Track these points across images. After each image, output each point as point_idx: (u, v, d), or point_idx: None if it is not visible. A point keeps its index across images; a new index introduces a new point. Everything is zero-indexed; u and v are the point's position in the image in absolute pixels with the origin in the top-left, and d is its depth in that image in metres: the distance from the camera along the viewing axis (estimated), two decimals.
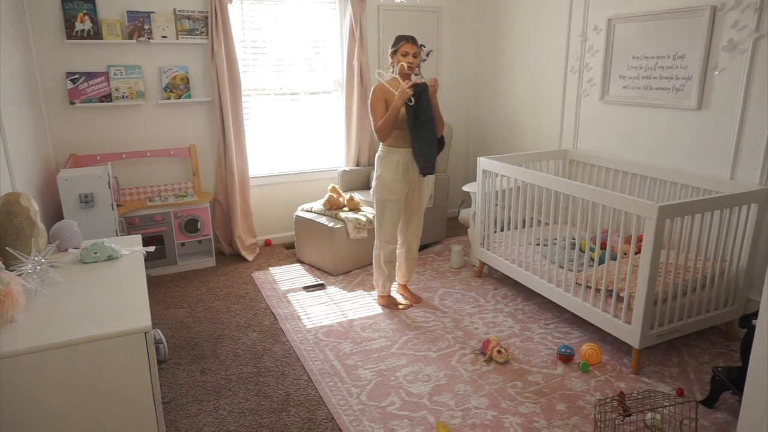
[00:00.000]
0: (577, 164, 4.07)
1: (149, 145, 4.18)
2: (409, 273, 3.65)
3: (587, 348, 2.88)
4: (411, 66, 3.14)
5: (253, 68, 4.45)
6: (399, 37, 3.19)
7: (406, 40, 3.15)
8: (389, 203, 3.30)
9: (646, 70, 3.51)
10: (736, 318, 3.01)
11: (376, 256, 3.48)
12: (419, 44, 3.17)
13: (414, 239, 3.53)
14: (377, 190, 3.31)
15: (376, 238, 3.46)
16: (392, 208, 3.31)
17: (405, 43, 3.13)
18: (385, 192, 3.28)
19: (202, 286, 3.94)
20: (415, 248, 3.57)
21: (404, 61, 3.13)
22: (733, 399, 2.53)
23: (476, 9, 5.10)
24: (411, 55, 3.13)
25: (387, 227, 3.36)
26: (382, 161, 3.28)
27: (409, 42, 3.14)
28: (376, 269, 3.53)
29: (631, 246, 2.75)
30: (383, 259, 3.44)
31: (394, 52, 3.18)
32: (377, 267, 3.51)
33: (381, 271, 3.50)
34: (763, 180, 2.94)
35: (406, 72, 3.14)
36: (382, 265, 3.46)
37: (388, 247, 3.41)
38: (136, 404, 1.68)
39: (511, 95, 4.78)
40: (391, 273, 3.51)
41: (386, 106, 3.15)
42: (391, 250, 3.43)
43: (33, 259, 1.87)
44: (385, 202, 3.31)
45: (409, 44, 3.13)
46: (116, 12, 3.87)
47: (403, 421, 2.45)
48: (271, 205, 4.73)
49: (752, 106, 2.96)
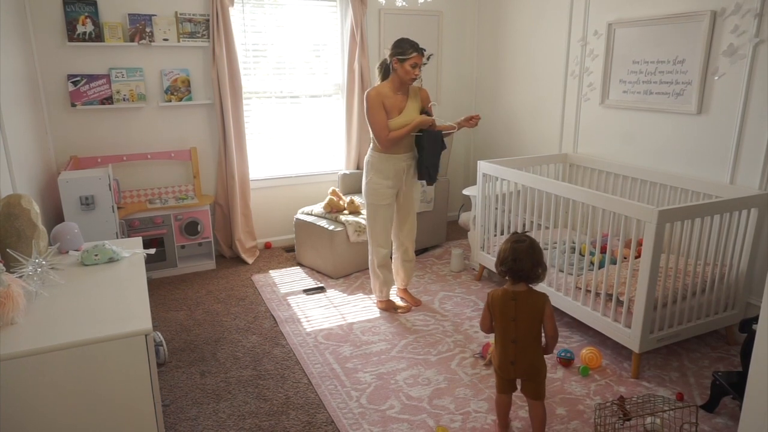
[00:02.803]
0: (578, 168, 4.08)
1: (150, 147, 4.18)
2: (408, 277, 3.63)
3: (587, 352, 2.88)
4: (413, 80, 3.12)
5: (254, 71, 4.46)
6: (409, 44, 3.06)
7: (417, 52, 3.05)
8: (381, 207, 3.30)
9: (646, 75, 3.52)
10: (736, 322, 3.01)
11: (371, 261, 3.47)
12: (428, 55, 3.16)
13: (409, 242, 3.51)
14: (368, 194, 3.30)
15: (369, 243, 3.45)
16: (384, 212, 3.31)
17: (417, 54, 3.04)
18: (376, 197, 3.28)
19: (202, 289, 3.94)
20: (411, 251, 3.55)
21: (414, 74, 3.08)
22: (733, 404, 2.52)
23: (477, 13, 5.12)
24: (419, 67, 3.08)
25: (379, 231, 3.36)
26: (372, 167, 3.26)
27: (420, 54, 3.06)
28: (372, 275, 3.52)
29: (631, 250, 2.75)
30: (377, 263, 3.43)
31: (401, 60, 3.06)
32: (372, 272, 3.50)
33: (376, 276, 3.48)
34: (762, 184, 2.95)
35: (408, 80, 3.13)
36: (377, 270, 3.45)
37: (381, 251, 3.40)
38: (136, 407, 1.68)
39: (512, 99, 4.79)
40: (387, 277, 3.50)
41: (385, 111, 3.13)
42: (384, 255, 3.42)
43: (34, 261, 1.87)
44: (376, 206, 3.30)
45: (419, 56, 3.06)
46: (118, 15, 3.88)
47: (403, 424, 2.45)
48: (271, 207, 4.73)
49: (752, 111, 2.96)
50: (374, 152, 3.26)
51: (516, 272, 2.18)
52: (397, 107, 3.17)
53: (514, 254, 2.17)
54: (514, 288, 2.22)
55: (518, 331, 2.19)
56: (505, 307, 2.20)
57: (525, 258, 2.16)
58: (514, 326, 2.19)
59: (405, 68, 3.07)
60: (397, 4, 3.81)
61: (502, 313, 2.21)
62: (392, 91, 3.16)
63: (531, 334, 2.20)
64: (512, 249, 2.18)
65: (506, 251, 2.20)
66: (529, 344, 2.19)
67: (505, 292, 2.23)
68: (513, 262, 2.17)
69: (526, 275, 2.19)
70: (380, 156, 3.23)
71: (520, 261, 2.16)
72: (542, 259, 2.22)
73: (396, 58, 3.08)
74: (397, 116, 3.16)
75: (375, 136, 3.17)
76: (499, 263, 2.24)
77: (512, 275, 2.20)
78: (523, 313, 2.18)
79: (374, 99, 3.12)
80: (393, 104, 3.15)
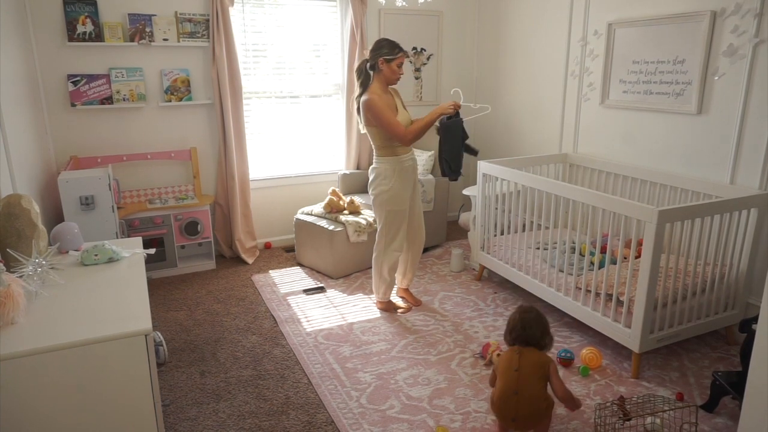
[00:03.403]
0: (578, 168, 4.08)
1: (150, 147, 4.18)
2: (412, 276, 3.67)
3: (587, 352, 2.88)
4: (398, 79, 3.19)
5: (254, 71, 4.46)
6: (394, 44, 3.11)
7: (402, 51, 3.11)
8: (401, 213, 3.29)
9: (646, 75, 3.52)
10: (736, 322, 3.01)
11: (379, 263, 3.41)
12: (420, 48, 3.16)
13: (421, 240, 3.54)
14: (388, 202, 3.24)
15: (382, 246, 3.37)
16: (403, 217, 3.32)
17: (402, 54, 3.11)
18: (395, 203, 3.25)
19: (202, 289, 3.94)
20: (420, 252, 3.59)
21: (400, 73, 3.15)
22: (733, 404, 2.53)
23: (477, 13, 5.12)
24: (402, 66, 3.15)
25: (399, 236, 3.34)
26: (386, 174, 3.20)
27: (404, 53, 3.13)
28: (377, 277, 3.47)
29: (631, 250, 2.75)
30: (388, 267, 3.40)
31: (388, 60, 3.09)
32: (378, 275, 3.45)
33: (383, 280, 3.45)
34: (762, 184, 2.95)
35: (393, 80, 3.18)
36: (385, 274, 3.42)
37: (395, 255, 3.38)
38: (136, 407, 1.68)
39: (512, 99, 4.79)
40: (393, 281, 3.50)
41: None
42: (396, 258, 3.41)
43: (34, 261, 1.87)
44: (397, 213, 3.28)
45: (405, 55, 3.14)
46: (118, 14, 3.88)
47: (403, 424, 2.45)
48: (271, 207, 4.73)
49: (752, 111, 2.96)
50: (383, 158, 3.21)
51: (526, 340, 2.32)
52: (392, 107, 3.16)
53: (523, 323, 2.33)
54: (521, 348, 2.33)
55: (520, 381, 2.23)
56: (510, 360, 2.30)
57: (534, 326, 2.32)
58: (517, 377, 2.23)
59: (392, 68, 3.10)
60: (397, 4, 3.81)
61: (506, 366, 2.28)
62: (383, 92, 3.16)
63: (533, 387, 2.23)
64: (521, 319, 2.34)
65: (515, 321, 2.36)
66: (530, 397, 2.22)
67: (512, 349, 2.35)
68: (522, 330, 2.32)
69: (536, 342, 2.32)
70: (391, 160, 3.19)
71: (530, 329, 2.31)
72: (549, 329, 2.38)
73: (383, 59, 3.09)
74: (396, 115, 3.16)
75: (393, 135, 3.09)
76: (509, 332, 2.37)
77: (521, 343, 2.33)
78: (526, 365, 2.25)
79: (379, 100, 3.07)
80: (388, 104, 3.14)
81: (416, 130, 3.09)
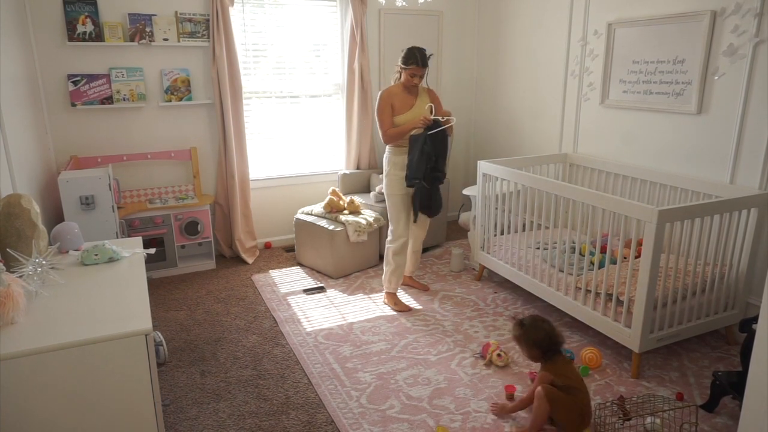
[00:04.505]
0: (577, 168, 4.08)
1: (150, 147, 4.18)
2: (415, 266, 3.89)
3: (587, 352, 2.88)
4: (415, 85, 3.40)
5: (254, 71, 4.46)
6: (413, 55, 3.30)
7: (417, 64, 3.29)
8: (398, 197, 3.50)
9: (646, 75, 3.52)
10: (736, 322, 3.01)
11: (387, 250, 3.60)
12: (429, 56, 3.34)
13: (421, 231, 3.73)
14: (388, 185, 3.52)
15: (390, 233, 3.59)
16: (401, 201, 3.50)
17: (414, 66, 3.30)
18: (392, 187, 3.49)
19: (202, 289, 3.94)
20: (420, 241, 3.78)
21: (412, 82, 3.36)
22: (733, 403, 2.53)
23: (477, 13, 5.11)
24: (418, 77, 3.34)
25: (400, 221, 3.53)
26: (389, 161, 3.49)
27: (420, 66, 3.30)
28: (385, 265, 3.64)
29: (631, 250, 2.75)
30: (392, 251, 3.56)
31: (403, 68, 3.34)
32: (386, 261, 3.62)
33: (387, 263, 3.61)
34: (762, 184, 2.95)
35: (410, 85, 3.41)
36: (392, 258, 3.56)
37: (401, 240, 3.55)
38: (136, 406, 1.68)
39: (512, 99, 4.79)
40: (399, 263, 3.58)
41: (392, 111, 3.37)
42: (403, 243, 3.56)
43: (34, 260, 1.87)
44: (394, 197, 3.50)
45: (419, 68, 3.31)
46: (118, 14, 3.88)
47: (403, 424, 2.45)
48: (271, 207, 4.73)
49: (752, 111, 2.96)
50: (390, 147, 3.49)
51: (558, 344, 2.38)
52: (407, 104, 3.41)
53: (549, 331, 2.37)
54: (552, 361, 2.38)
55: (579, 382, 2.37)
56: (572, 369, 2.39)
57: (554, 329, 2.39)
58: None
59: (405, 75, 3.38)
60: (397, 4, 3.81)
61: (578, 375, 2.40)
62: (402, 91, 3.42)
63: None
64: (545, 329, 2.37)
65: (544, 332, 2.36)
66: None
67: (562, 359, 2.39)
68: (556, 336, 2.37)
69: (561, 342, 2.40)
70: (392, 149, 3.47)
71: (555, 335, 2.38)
72: None
73: (401, 66, 3.38)
74: (407, 112, 3.40)
75: (380, 129, 3.44)
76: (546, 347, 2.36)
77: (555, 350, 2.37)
78: None
79: (382, 98, 3.39)
80: (402, 102, 3.40)
81: (394, 132, 3.39)
